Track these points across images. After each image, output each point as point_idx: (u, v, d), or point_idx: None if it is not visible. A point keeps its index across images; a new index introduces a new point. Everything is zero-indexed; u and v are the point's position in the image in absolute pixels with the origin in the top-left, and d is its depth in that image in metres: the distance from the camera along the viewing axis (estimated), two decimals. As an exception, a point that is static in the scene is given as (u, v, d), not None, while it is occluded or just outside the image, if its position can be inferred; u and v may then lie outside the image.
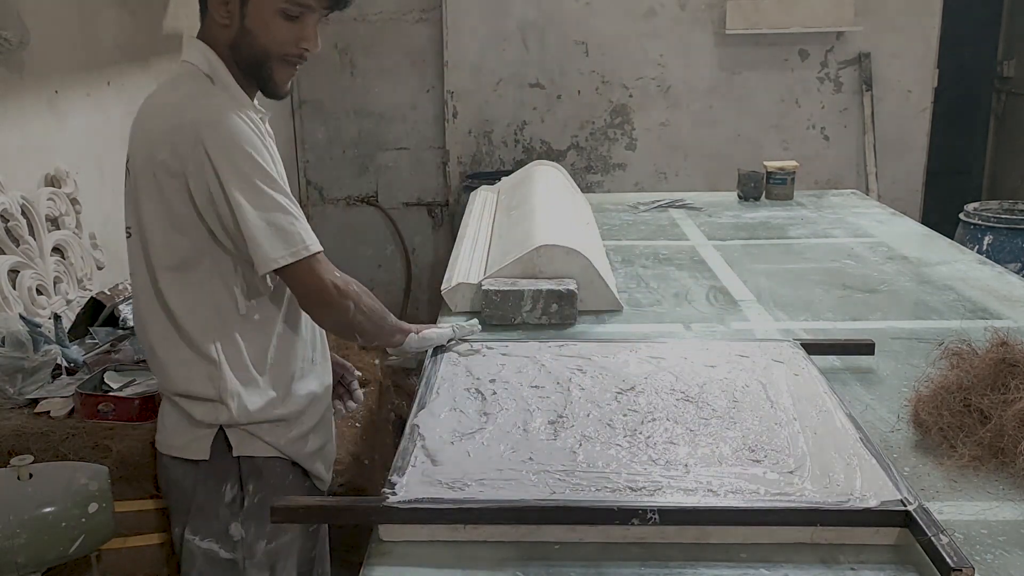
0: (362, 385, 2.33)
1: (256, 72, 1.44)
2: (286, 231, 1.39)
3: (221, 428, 1.49)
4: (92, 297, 2.31)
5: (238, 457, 1.50)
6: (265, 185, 1.38)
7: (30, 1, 2.43)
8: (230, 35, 1.42)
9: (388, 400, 2.48)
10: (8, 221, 2.29)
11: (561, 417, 1.40)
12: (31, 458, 1.60)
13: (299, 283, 1.44)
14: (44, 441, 1.81)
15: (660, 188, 4.65)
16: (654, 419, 1.39)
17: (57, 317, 2.18)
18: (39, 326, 2.09)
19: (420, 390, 1.53)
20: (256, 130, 1.42)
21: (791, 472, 1.23)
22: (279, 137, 4.54)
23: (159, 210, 1.41)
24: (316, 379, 1.60)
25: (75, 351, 2.11)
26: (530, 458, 1.27)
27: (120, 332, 2.23)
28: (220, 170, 1.36)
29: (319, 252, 1.43)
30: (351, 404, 1.81)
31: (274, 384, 1.51)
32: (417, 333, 1.65)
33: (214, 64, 1.43)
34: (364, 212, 5.02)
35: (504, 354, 1.67)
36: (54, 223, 2.48)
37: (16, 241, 2.31)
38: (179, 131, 1.36)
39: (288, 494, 1.50)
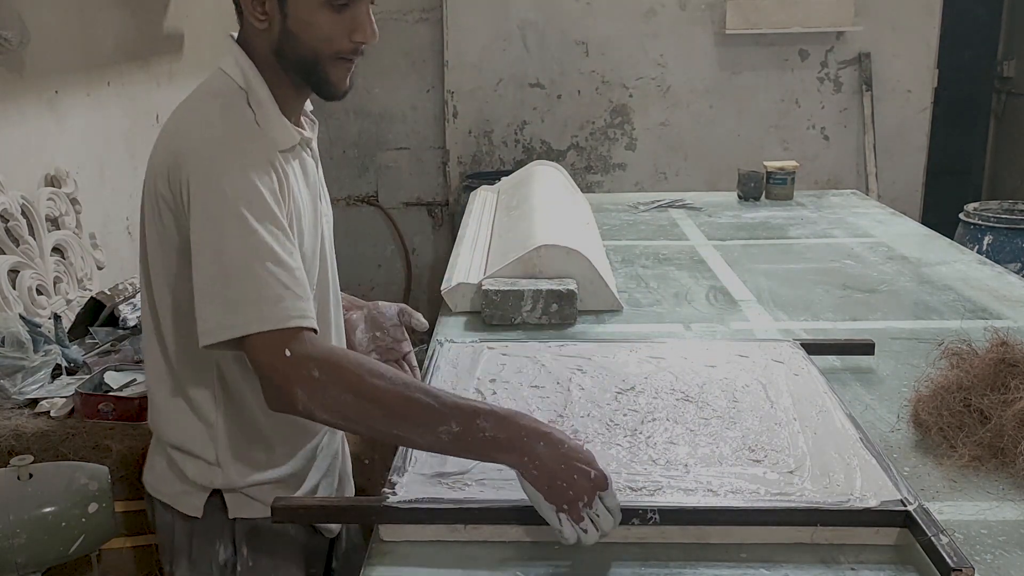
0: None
1: (307, 76, 1.26)
2: (240, 300, 1.14)
3: (218, 489, 1.33)
4: (92, 297, 2.32)
5: (234, 519, 1.34)
6: (239, 234, 1.15)
7: (30, 1, 2.43)
8: (271, 39, 1.24)
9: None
10: (8, 221, 2.29)
11: (561, 417, 1.40)
12: (31, 458, 1.60)
13: (252, 363, 1.16)
14: (44, 441, 1.81)
15: (660, 188, 4.65)
16: (654, 419, 1.39)
17: (57, 317, 2.18)
18: (39, 326, 2.09)
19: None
20: (276, 170, 1.23)
21: (791, 472, 1.23)
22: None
23: (160, 244, 1.25)
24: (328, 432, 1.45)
25: (75, 351, 2.11)
26: (530, 458, 1.26)
27: (120, 332, 2.23)
28: (192, 208, 1.17)
29: (289, 328, 1.13)
30: None
31: (281, 445, 1.35)
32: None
33: (249, 76, 1.25)
34: (364, 212, 5.02)
35: (504, 354, 1.67)
36: (54, 223, 2.48)
37: (16, 241, 2.31)
38: (175, 161, 1.19)
39: (287, 554, 1.38)
